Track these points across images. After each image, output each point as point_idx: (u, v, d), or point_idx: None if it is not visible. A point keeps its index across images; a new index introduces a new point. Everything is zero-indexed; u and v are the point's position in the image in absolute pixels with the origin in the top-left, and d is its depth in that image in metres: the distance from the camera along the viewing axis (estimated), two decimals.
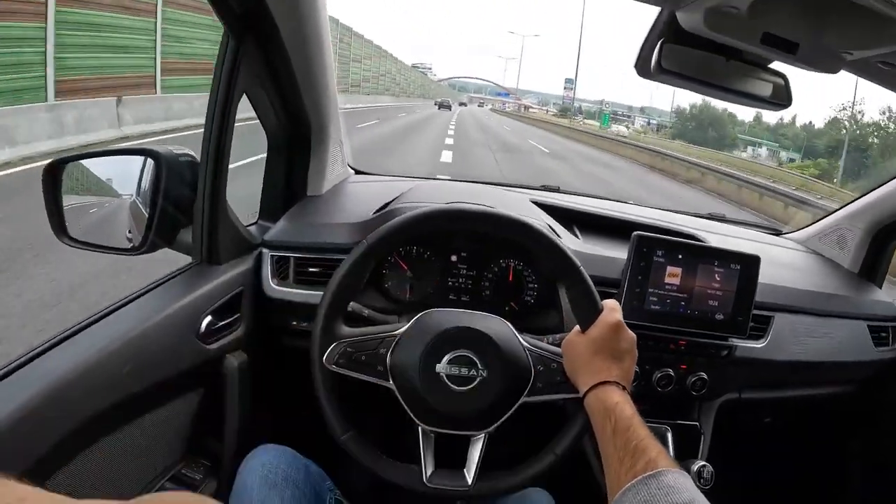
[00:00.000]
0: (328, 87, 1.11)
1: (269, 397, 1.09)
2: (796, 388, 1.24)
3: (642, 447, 0.64)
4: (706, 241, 1.17)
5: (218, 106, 0.89)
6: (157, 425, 0.88)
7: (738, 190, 11.40)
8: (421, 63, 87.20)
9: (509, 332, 0.84)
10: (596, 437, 0.73)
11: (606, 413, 0.71)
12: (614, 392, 0.74)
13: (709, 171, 13.57)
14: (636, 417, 0.69)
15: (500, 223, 0.86)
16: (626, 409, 0.70)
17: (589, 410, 0.75)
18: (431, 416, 0.81)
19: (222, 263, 0.98)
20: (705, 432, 1.13)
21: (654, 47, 0.82)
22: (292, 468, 0.84)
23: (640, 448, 0.64)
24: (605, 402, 0.73)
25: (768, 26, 0.75)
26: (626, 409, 0.70)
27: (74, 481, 0.73)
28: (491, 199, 1.13)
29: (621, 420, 0.69)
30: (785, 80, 0.89)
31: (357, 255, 0.83)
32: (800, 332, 1.17)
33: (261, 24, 0.89)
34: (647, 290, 1.02)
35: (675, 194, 11.37)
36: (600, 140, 24.51)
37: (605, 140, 24.32)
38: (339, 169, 1.33)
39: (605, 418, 0.71)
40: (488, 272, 1.11)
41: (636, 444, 0.65)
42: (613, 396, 0.73)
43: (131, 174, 0.96)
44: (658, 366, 1.05)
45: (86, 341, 0.77)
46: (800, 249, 1.48)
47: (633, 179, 13.33)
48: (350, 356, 0.81)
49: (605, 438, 0.70)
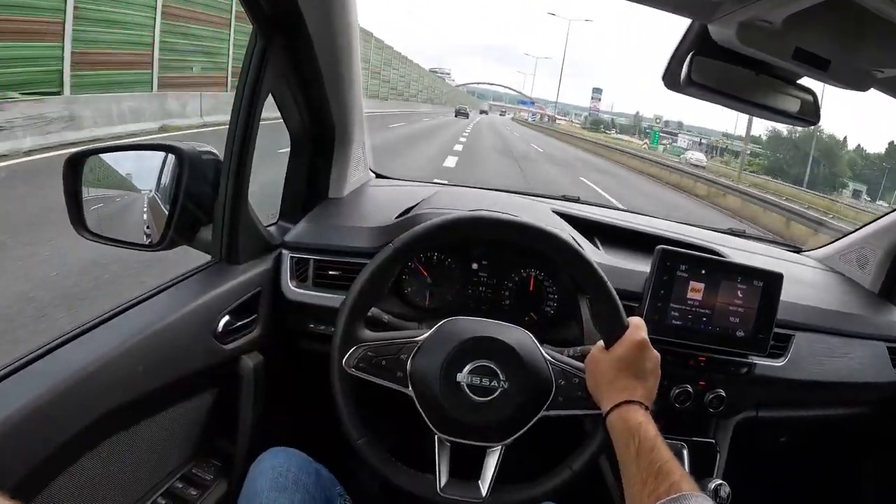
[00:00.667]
0: (354, 89, 1.12)
1: (284, 400, 1.09)
2: (813, 408, 1.23)
3: (666, 469, 0.64)
4: (727, 256, 1.17)
5: (243, 105, 0.90)
6: (170, 424, 0.88)
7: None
8: (439, 68, 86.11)
9: (532, 344, 0.84)
10: (617, 456, 0.72)
11: (630, 433, 0.71)
12: (638, 412, 0.73)
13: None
14: (659, 439, 0.69)
15: (529, 233, 0.85)
16: (650, 430, 0.70)
17: (611, 429, 0.75)
18: (449, 426, 0.80)
19: (241, 263, 0.98)
20: (721, 450, 1.12)
21: (683, 59, 0.82)
22: (303, 472, 0.84)
23: (664, 470, 0.64)
24: (628, 421, 0.72)
25: (800, 42, 0.75)
26: (650, 430, 0.70)
27: (84, 479, 0.73)
28: (513, 208, 1.13)
29: (645, 441, 0.69)
30: (814, 97, 0.89)
31: (383, 259, 0.83)
32: (819, 351, 1.16)
33: (290, 25, 0.90)
34: (670, 305, 1.01)
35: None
36: (665, 171, 17.02)
37: (671, 172, 16.63)
38: (360, 172, 1.33)
39: (628, 438, 0.70)
40: (509, 281, 1.11)
41: (660, 465, 0.65)
42: (637, 416, 0.73)
43: (152, 169, 0.96)
44: (676, 381, 1.04)
45: (101, 337, 0.77)
46: (820, 268, 1.47)
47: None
48: (370, 360, 0.81)
49: (627, 458, 0.69)
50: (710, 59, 0.81)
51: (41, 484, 0.67)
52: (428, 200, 1.21)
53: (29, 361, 0.70)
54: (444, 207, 1.15)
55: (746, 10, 0.70)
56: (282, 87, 0.99)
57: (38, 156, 5.92)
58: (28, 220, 3.87)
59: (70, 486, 0.71)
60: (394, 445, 0.85)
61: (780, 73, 0.85)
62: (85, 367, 0.71)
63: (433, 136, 17.90)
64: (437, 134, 19.24)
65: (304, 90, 1.03)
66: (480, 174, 10.07)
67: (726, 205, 12.35)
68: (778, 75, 0.85)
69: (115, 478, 0.78)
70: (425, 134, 18.41)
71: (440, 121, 31.42)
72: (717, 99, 0.86)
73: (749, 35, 0.74)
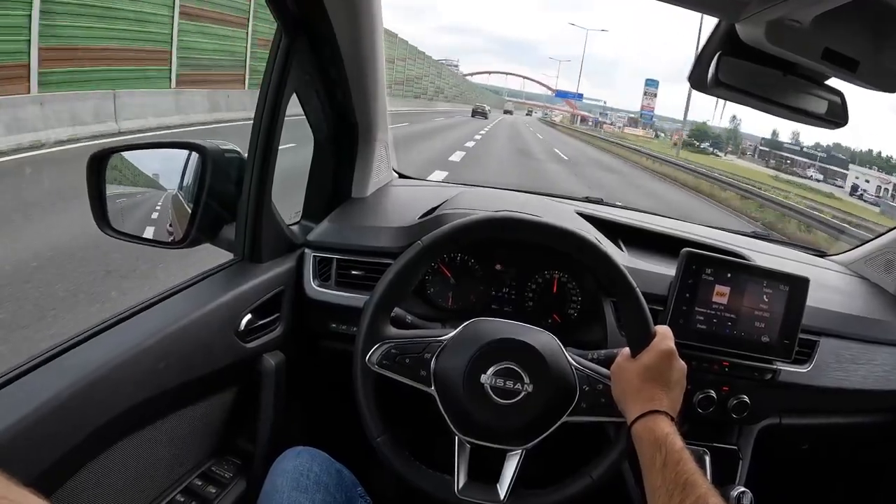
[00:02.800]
0: (378, 88, 1.14)
1: (305, 399, 1.11)
2: (838, 416, 1.22)
3: (692, 482, 0.65)
4: (752, 260, 1.17)
5: (268, 104, 0.92)
6: (191, 421, 0.89)
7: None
8: (447, 60, 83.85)
9: (557, 347, 0.84)
10: (642, 466, 0.73)
11: (656, 444, 0.71)
12: (665, 423, 0.74)
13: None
14: (685, 451, 0.70)
15: (559, 236, 0.86)
16: (676, 442, 0.71)
17: (636, 439, 0.75)
18: (470, 427, 0.81)
19: (264, 262, 1.00)
20: (744, 457, 1.12)
21: (710, 60, 0.83)
22: (324, 472, 0.85)
23: (691, 483, 0.65)
24: (654, 432, 0.73)
25: (830, 42, 0.76)
26: (677, 442, 0.71)
27: (104, 473, 0.74)
28: (538, 209, 1.14)
29: (672, 453, 0.69)
30: (842, 98, 0.89)
31: (411, 256, 0.84)
32: (844, 358, 1.16)
33: (315, 24, 0.92)
34: (694, 309, 1.02)
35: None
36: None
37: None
38: (383, 172, 1.35)
39: (654, 449, 0.71)
40: (532, 283, 1.12)
41: (686, 478, 0.66)
42: (664, 427, 0.73)
43: (175, 167, 0.98)
44: (700, 387, 1.04)
45: (124, 334, 0.79)
46: (845, 272, 1.46)
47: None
48: (394, 358, 0.82)
49: (653, 470, 0.70)
50: (737, 60, 0.82)
51: (62, 477, 0.68)
52: (451, 201, 1.22)
53: (52, 356, 0.71)
54: (468, 208, 1.16)
55: (775, 10, 0.70)
56: (306, 86, 1.01)
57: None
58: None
59: (90, 480, 0.72)
60: (413, 445, 0.86)
61: (807, 73, 0.85)
62: (107, 363, 0.73)
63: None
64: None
65: (328, 89, 1.05)
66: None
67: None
68: (805, 76, 0.86)
69: (134, 473, 0.80)
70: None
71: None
72: (745, 100, 0.86)
73: (777, 35, 0.75)
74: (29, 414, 0.63)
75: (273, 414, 0.99)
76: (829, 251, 1.60)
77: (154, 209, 1.02)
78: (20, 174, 5.41)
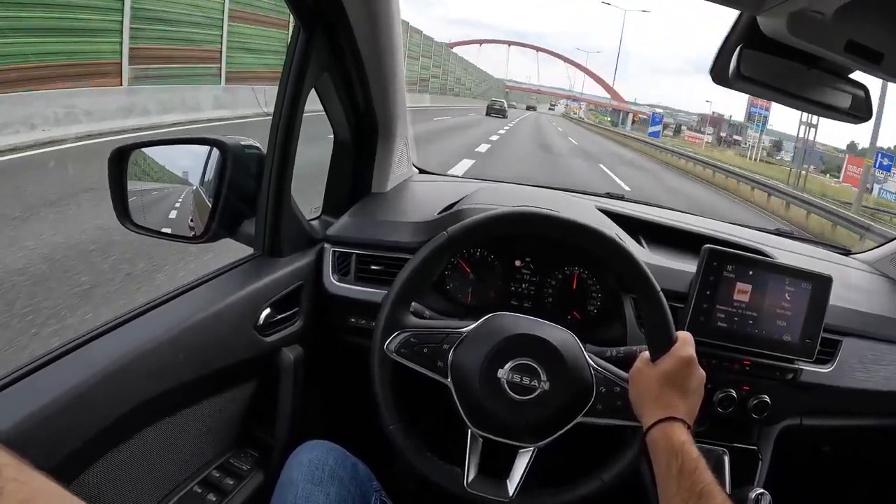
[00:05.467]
0: (397, 83, 1.15)
1: (323, 393, 1.12)
2: (859, 417, 1.21)
3: (708, 492, 0.66)
4: (775, 257, 1.17)
5: (287, 99, 0.94)
6: (209, 414, 0.91)
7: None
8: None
9: (576, 346, 0.85)
10: (656, 473, 0.74)
11: (672, 451, 0.72)
12: (681, 430, 0.74)
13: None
14: (702, 460, 0.70)
15: (582, 233, 0.86)
16: (692, 451, 0.71)
17: (652, 445, 0.76)
18: (484, 421, 0.82)
19: (284, 256, 1.02)
20: (764, 458, 1.12)
21: (731, 53, 0.83)
22: (340, 466, 0.86)
23: (707, 492, 0.66)
24: (671, 439, 0.73)
25: (853, 34, 0.76)
26: (693, 451, 0.71)
27: (122, 464, 0.76)
28: (558, 205, 1.14)
29: (688, 461, 0.70)
30: (866, 92, 0.89)
31: (432, 248, 0.86)
32: (867, 358, 1.15)
33: (333, 17, 0.94)
34: (715, 307, 1.02)
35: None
36: None
37: None
38: (403, 167, 1.37)
39: (670, 456, 0.72)
40: (552, 279, 1.13)
41: (702, 487, 0.67)
42: (680, 435, 0.74)
43: (196, 163, 1.01)
44: (720, 386, 1.04)
45: (144, 326, 0.81)
46: (869, 271, 1.45)
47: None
48: (412, 346, 0.83)
49: (668, 477, 0.70)
50: (759, 53, 0.82)
51: (80, 468, 0.70)
52: (471, 196, 1.24)
53: (73, 348, 0.73)
54: (488, 203, 1.17)
55: (797, 1, 0.71)
56: (325, 81, 1.03)
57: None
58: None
59: (108, 470, 0.74)
60: (426, 436, 0.87)
61: (830, 66, 0.86)
62: (127, 355, 0.75)
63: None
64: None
65: (347, 84, 1.07)
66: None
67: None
68: (828, 69, 0.86)
69: (152, 464, 0.82)
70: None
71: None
72: (767, 93, 0.86)
73: (800, 26, 0.75)
74: (48, 404, 0.65)
75: (291, 407, 1.00)
76: (853, 249, 1.59)
77: (174, 205, 1.05)
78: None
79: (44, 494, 0.35)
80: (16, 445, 0.35)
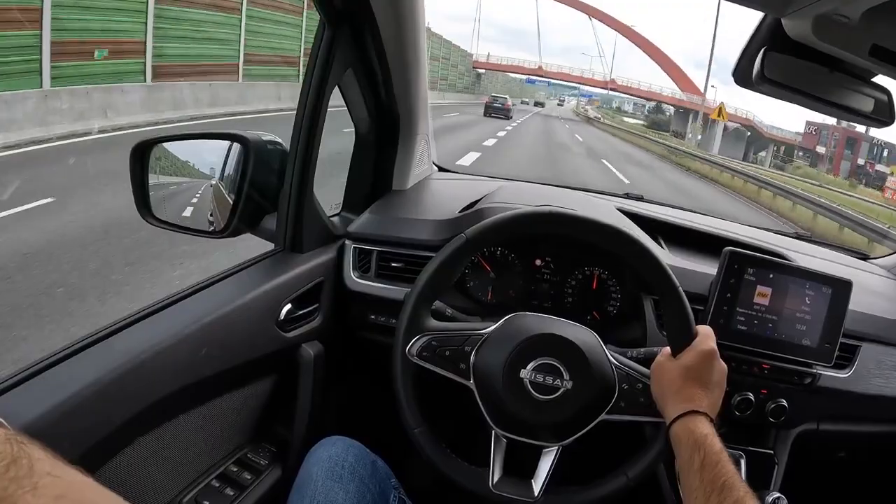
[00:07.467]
0: (419, 81, 1.17)
1: (342, 389, 1.13)
2: (877, 424, 1.22)
3: (730, 484, 0.67)
4: (794, 261, 1.18)
5: (311, 96, 0.95)
6: (229, 408, 0.92)
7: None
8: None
9: (598, 345, 0.86)
10: (679, 467, 0.74)
11: (696, 445, 0.72)
12: (704, 424, 0.75)
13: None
14: (724, 453, 0.71)
15: (604, 233, 0.87)
16: (715, 444, 0.72)
17: (674, 439, 0.76)
18: (508, 422, 0.83)
19: (304, 252, 1.03)
20: (780, 462, 1.12)
21: (755, 55, 0.84)
22: (359, 462, 0.87)
23: (728, 485, 0.66)
24: (694, 433, 0.74)
25: (878, 38, 0.77)
26: (716, 444, 0.72)
27: (142, 457, 0.77)
28: (578, 205, 1.15)
29: (710, 454, 0.70)
30: (889, 96, 0.90)
31: (454, 248, 0.86)
32: (886, 364, 1.15)
33: (357, 15, 0.96)
34: (735, 309, 1.02)
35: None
36: None
37: None
38: (424, 164, 1.38)
39: (693, 450, 0.72)
40: (572, 279, 1.14)
41: (724, 480, 0.67)
42: (703, 428, 0.74)
43: (217, 158, 1.03)
44: (738, 389, 1.04)
45: (166, 321, 0.82)
46: (888, 276, 1.46)
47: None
48: (434, 350, 0.84)
49: (691, 471, 0.71)
50: (783, 55, 0.83)
51: (101, 460, 0.71)
52: (491, 195, 1.25)
53: (95, 341, 0.75)
54: (508, 202, 1.18)
55: (823, 4, 0.72)
56: (348, 79, 1.04)
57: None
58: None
59: (128, 463, 0.75)
60: (449, 438, 0.88)
61: (854, 70, 0.87)
62: (149, 349, 0.76)
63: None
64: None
65: (370, 81, 1.08)
66: None
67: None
68: (851, 72, 0.87)
69: (171, 458, 0.83)
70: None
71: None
72: (790, 96, 0.87)
73: (825, 30, 0.76)
74: (71, 397, 0.66)
75: (310, 403, 1.02)
76: (871, 254, 1.60)
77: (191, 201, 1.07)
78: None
79: (77, 488, 0.36)
80: (38, 437, 0.36)
